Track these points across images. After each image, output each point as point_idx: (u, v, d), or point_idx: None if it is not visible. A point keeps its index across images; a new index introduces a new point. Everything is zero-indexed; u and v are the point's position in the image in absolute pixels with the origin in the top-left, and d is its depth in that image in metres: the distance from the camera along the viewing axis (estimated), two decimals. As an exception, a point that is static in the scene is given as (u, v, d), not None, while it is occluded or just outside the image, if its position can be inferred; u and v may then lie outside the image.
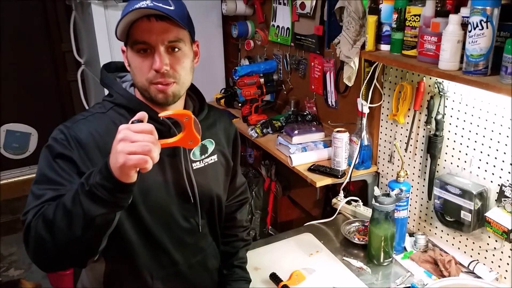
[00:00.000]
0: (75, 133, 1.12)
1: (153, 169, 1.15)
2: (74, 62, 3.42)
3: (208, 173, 1.32)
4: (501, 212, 1.40)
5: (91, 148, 1.12)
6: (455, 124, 1.55)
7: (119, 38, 1.16)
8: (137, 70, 1.14)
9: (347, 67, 1.84)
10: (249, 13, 2.80)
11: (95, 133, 1.14)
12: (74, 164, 1.10)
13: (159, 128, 1.16)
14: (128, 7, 1.09)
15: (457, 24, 1.29)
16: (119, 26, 1.10)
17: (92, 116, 1.18)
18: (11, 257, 3.17)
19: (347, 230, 1.77)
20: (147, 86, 1.14)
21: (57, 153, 1.10)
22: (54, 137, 1.13)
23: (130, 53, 1.14)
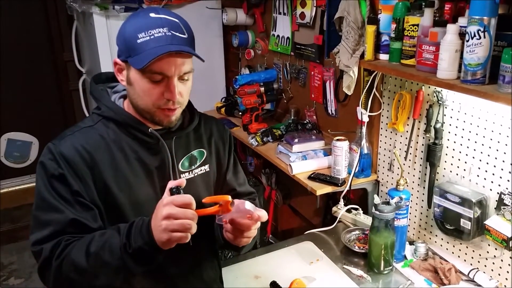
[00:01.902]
0: (62, 151, 1.13)
1: (143, 182, 1.19)
2: (76, 71, 3.45)
3: (198, 184, 1.31)
4: (500, 220, 1.41)
5: (79, 165, 1.13)
6: (454, 132, 1.56)
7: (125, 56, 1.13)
8: (145, 94, 1.13)
9: (347, 76, 1.86)
10: (249, 22, 2.82)
11: (82, 149, 1.14)
12: (67, 184, 1.12)
13: (148, 141, 1.19)
14: (146, 33, 1.07)
15: (455, 33, 1.31)
16: (134, 49, 1.08)
17: (79, 132, 1.18)
18: (11, 266, 3.16)
19: (347, 238, 1.77)
20: (153, 111, 1.15)
21: (50, 174, 1.12)
22: (44, 157, 1.14)
23: (136, 75, 1.12)
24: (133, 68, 1.11)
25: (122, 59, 1.14)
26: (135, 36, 1.08)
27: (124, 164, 1.17)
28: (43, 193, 1.12)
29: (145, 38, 1.08)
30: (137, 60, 1.09)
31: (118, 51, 1.16)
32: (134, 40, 1.08)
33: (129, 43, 1.10)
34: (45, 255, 1.09)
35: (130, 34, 1.10)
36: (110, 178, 1.15)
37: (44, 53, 3.74)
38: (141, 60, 1.07)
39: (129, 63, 1.12)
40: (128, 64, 1.13)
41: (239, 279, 1.57)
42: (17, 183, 3.85)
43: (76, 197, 1.12)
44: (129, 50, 1.10)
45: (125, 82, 1.17)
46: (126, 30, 1.11)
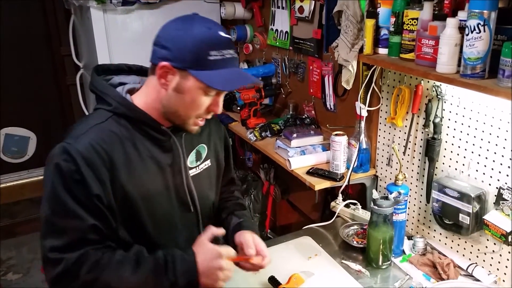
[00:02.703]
0: (80, 151, 1.08)
1: (156, 180, 1.20)
2: (73, 66, 3.43)
3: (204, 179, 1.33)
4: (499, 215, 1.41)
5: (99, 166, 1.09)
6: (453, 127, 1.56)
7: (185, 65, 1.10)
8: (194, 105, 1.14)
9: (346, 71, 1.85)
10: (247, 17, 2.81)
11: (100, 149, 1.10)
12: (87, 187, 1.08)
13: (160, 138, 1.20)
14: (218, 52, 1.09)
15: (454, 27, 1.30)
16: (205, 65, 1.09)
17: (92, 130, 1.13)
18: (9, 261, 3.16)
19: (345, 233, 1.77)
20: (191, 120, 1.17)
21: (68, 177, 1.07)
22: (59, 158, 1.08)
23: (193, 86, 1.11)
24: (193, 79, 1.10)
25: (177, 66, 1.10)
26: (206, 52, 1.08)
27: (138, 161, 1.16)
28: (60, 197, 1.08)
29: (217, 56, 1.09)
30: (211, 78, 1.09)
31: (170, 56, 1.10)
32: (205, 55, 1.08)
33: (197, 56, 1.08)
34: (66, 266, 1.07)
35: (200, 48, 1.08)
36: (126, 177, 1.14)
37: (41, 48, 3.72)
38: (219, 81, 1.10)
39: (192, 74, 1.10)
40: (185, 73, 1.11)
41: (237, 274, 1.55)
42: (15, 178, 3.84)
43: (95, 202, 1.09)
44: (196, 62, 1.09)
45: (169, 87, 1.13)
46: (195, 42, 1.08)
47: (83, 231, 1.09)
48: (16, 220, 3.63)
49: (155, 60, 1.12)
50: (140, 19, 2.68)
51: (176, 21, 1.13)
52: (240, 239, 1.33)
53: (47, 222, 1.10)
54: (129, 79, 1.27)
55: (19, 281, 2.98)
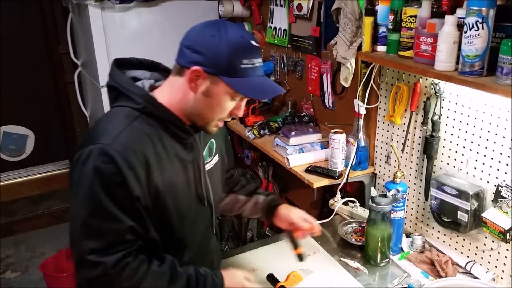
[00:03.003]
0: (121, 153, 1.07)
1: (181, 178, 1.23)
2: (71, 64, 3.42)
3: (215, 174, 1.37)
4: (497, 212, 1.41)
5: (138, 167, 1.10)
6: (452, 124, 1.56)
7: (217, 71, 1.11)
8: (219, 108, 1.17)
9: (344, 68, 1.84)
10: (246, 14, 2.80)
11: (137, 150, 1.11)
12: (128, 189, 1.08)
13: (184, 136, 1.22)
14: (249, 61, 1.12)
15: (453, 25, 1.30)
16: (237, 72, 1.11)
17: (125, 130, 1.12)
18: (7, 260, 3.16)
19: (344, 231, 1.77)
20: (214, 121, 1.21)
21: (109, 180, 1.06)
22: (97, 160, 1.06)
23: (222, 91, 1.13)
24: (223, 85, 1.12)
25: (209, 71, 1.11)
26: (239, 60, 1.11)
27: (166, 160, 1.18)
28: (99, 200, 1.06)
29: (248, 65, 1.12)
30: (243, 85, 1.12)
31: (202, 61, 1.11)
32: (238, 63, 1.11)
33: (231, 63, 1.10)
34: (105, 270, 1.08)
35: (233, 56, 1.10)
36: (158, 176, 1.15)
37: (39, 46, 3.71)
38: (250, 90, 1.13)
39: (223, 80, 1.11)
40: (215, 79, 1.12)
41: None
42: (13, 176, 3.84)
43: (135, 204, 1.10)
44: (229, 69, 1.11)
45: (199, 92, 1.15)
46: (231, 50, 1.10)
47: (121, 233, 1.10)
48: (14, 218, 3.63)
49: (187, 63, 1.13)
50: (138, 17, 2.68)
51: (210, 27, 1.13)
52: (286, 217, 1.49)
53: (84, 225, 1.08)
54: (139, 73, 1.28)
55: (17, 279, 2.97)
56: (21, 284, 2.92)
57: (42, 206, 3.78)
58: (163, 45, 2.63)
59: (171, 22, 2.73)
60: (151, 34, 2.73)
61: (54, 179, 3.93)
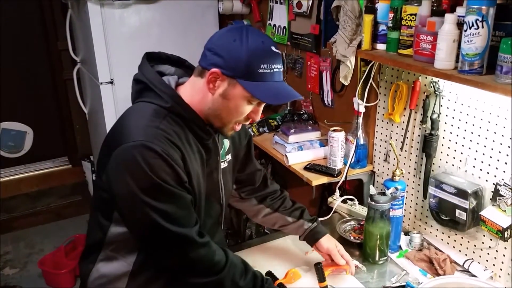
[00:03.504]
0: (163, 149, 1.11)
1: (201, 175, 1.27)
2: (70, 60, 3.41)
3: (228, 172, 1.42)
4: (496, 211, 1.41)
5: (178, 160, 1.14)
6: (451, 123, 1.56)
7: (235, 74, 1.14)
8: (236, 112, 1.20)
9: (344, 66, 1.84)
10: (245, 12, 2.80)
11: (174, 145, 1.15)
12: (179, 176, 1.14)
13: (204, 136, 1.25)
14: (267, 66, 1.15)
15: (452, 23, 1.30)
16: (254, 76, 1.14)
17: (160, 128, 1.15)
18: (6, 256, 3.16)
19: (342, 228, 1.77)
20: (230, 123, 1.23)
21: (162, 171, 1.10)
22: (146, 155, 1.09)
23: (239, 94, 1.16)
24: (240, 88, 1.15)
25: (228, 74, 1.14)
26: (257, 64, 1.13)
27: (192, 156, 1.22)
28: (160, 186, 1.10)
29: (266, 70, 1.15)
30: (259, 89, 1.15)
31: (222, 64, 1.14)
32: (255, 67, 1.13)
33: (248, 67, 1.13)
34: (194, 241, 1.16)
35: (252, 60, 1.13)
36: (189, 169, 1.19)
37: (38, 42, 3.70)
38: (266, 94, 1.16)
39: (240, 83, 1.14)
40: (233, 81, 1.15)
41: (235, 269, 1.57)
42: (11, 173, 3.83)
43: (186, 185, 1.17)
44: (246, 73, 1.14)
45: (217, 94, 1.18)
46: (250, 54, 1.13)
47: (188, 206, 1.18)
48: (13, 215, 3.62)
49: (207, 65, 1.16)
50: (137, 14, 2.67)
51: (233, 31, 1.16)
52: (326, 248, 1.52)
53: (157, 211, 1.12)
54: (164, 68, 1.31)
55: (16, 275, 2.97)
56: (20, 281, 2.92)
57: (41, 202, 3.78)
58: (162, 42, 2.63)
59: (171, 19, 2.73)
60: (151, 31, 2.72)
61: (53, 176, 3.93)
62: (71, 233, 3.03)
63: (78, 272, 1.42)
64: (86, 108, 3.38)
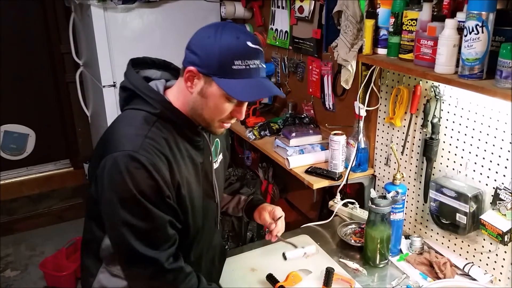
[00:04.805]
0: (148, 159, 1.10)
1: (194, 178, 1.25)
2: (73, 63, 3.43)
3: (220, 172, 1.41)
4: (496, 215, 1.42)
5: (163, 169, 1.13)
6: (451, 127, 1.57)
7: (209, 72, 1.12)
8: (217, 110, 1.17)
9: (345, 71, 1.85)
10: (247, 16, 2.81)
11: (160, 154, 1.14)
12: (160, 190, 1.12)
13: (196, 139, 1.25)
14: (243, 62, 1.11)
15: (453, 28, 1.31)
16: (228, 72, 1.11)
17: (148, 136, 1.14)
18: (7, 258, 3.16)
19: (343, 232, 1.78)
20: (215, 123, 1.21)
21: (143, 184, 1.09)
22: (129, 166, 1.09)
23: (216, 93, 1.14)
24: (216, 86, 1.13)
25: (203, 72, 1.13)
26: (231, 61, 1.11)
27: (181, 161, 1.21)
28: (138, 202, 1.10)
29: (241, 66, 1.11)
30: (232, 86, 1.12)
31: (197, 61, 1.13)
32: (229, 63, 1.11)
33: (222, 64, 1.11)
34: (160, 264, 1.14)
35: (225, 57, 1.10)
36: (177, 177, 1.18)
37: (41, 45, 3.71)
38: (239, 91, 1.11)
39: (215, 81, 1.12)
40: (209, 79, 1.13)
41: (236, 271, 1.57)
42: (13, 175, 3.83)
43: (168, 201, 1.15)
44: (220, 70, 1.11)
45: (194, 91, 1.17)
46: (222, 51, 1.10)
47: (164, 228, 1.15)
48: (15, 217, 3.63)
49: (186, 64, 1.16)
50: (140, 17, 2.69)
51: (210, 28, 1.15)
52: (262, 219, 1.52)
53: (128, 226, 1.11)
54: (150, 72, 1.30)
55: (17, 278, 2.98)
56: (21, 283, 2.92)
57: (42, 205, 3.78)
58: (165, 46, 2.64)
59: (173, 23, 2.74)
60: (153, 34, 2.74)
61: (55, 178, 3.93)
62: (72, 235, 3.04)
63: (79, 274, 1.42)
64: (89, 111, 3.39)
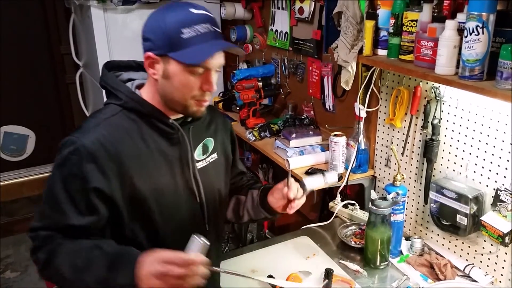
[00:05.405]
0: (85, 145, 1.11)
1: (164, 173, 1.22)
2: (73, 64, 3.43)
3: (210, 171, 1.35)
4: (496, 216, 1.41)
5: (104, 160, 1.12)
6: (451, 128, 1.57)
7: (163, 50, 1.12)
8: (184, 87, 1.14)
9: (345, 72, 1.85)
10: (247, 17, 2.81)
11: (106, 142, 1.13)
12: (86, 180, 1.10)
13: (169, 131, 1.21)
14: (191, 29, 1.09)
15: (453, 29, 1.31)
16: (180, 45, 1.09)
17: (102, 124, 1.16)
18: (7, 259, 3.16)
19: (343, 233, 1.77)
20: (189, 102, 1.17)
21: (69, 170, 1.10)
22: (65, 150, 1.11)
23: (177, 69, 1.12)
24: (174, 62, 1.12)
25: (159, 53, 1.13)
26: (178, 31, 1.09)
27: (146, 155, 1.19)
28: (55, 188, 1.11)
29: (190, 33, 1.09)
30: (186, 55, 1.10)
31: (151, 46, 1.13)
32: (178, 34, 1.09)
33: (172, 38, 1.10)
34: (37, 242, 1.13)
35: (172, 29, 1.09)
36: (135, 170, 1.17)
37: (41, 46, 3.72)
38: (192, 56, 1.09)
39: (171, 57, 1.11)
40: (166, 58, 1.12)
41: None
42: (13, 176, 3.84)
43: (89, 197, 1.11)
44: (172, 45, 1.10)
45: (158, 76, 1.16)
46: (168, 25, 1.10)
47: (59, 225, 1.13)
48: (15, 218, 3.63)
49: (143, 53, 1.17)
50: (140, 18, 2.68)
51: (154, 12, 1.16)
52: (273, 196, 1.38)
53: (39, 207, 1.15)
54: (138, 75, 1.30)
55: (17, 279, 2.98)
56: (21, 284, 2.92)
57: (42, 206, 3.79)
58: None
59: (173, 24, 2.74)
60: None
61: (55, 180, 3.94)
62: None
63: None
64: (89, 112, 3.39)
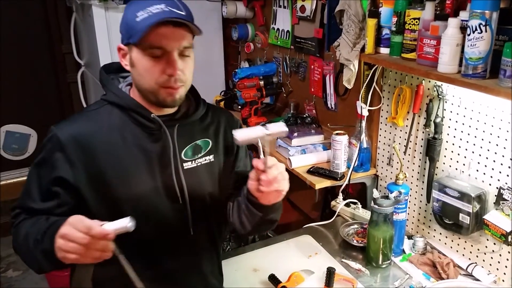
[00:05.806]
0: (58, 135, 1.16)
1: (141, 168, 1.21)
2: (74, 63, 3.43)
3: (201, 173, 1.29)
4: (499, 215, 1.41)
5: (72, 150, 1.15)
6: (454, 127, 1.56)
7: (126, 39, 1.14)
8: (147, 73, 1.13)
9: (347, 70, 1.85)
10: (249, 16, 2.81)
11: (78, 134, 1.17)
12: (54, 167, 1.16)
13: (150, 126, 1.20)
14: (144, 11, 1.09)
15: (456, 27, 1.30)
16: (134, 28, 1.10)
17: (81, 116, 1.23)
18: (9, 258, 3.17)
19: (346, 232, 1.77)
20: (156, 89, 1.15)
21: (42, 156, 1.18)
22: (46, 138, 1.19)
23: (138, 55, 1.12)
24: (135, 49, 1.12)
25: (126, 43, 1.15)
26: (134, 16, 1.11)
27: (122, 150, 1.19)
28: (31, 171, 1.21)
29: (143, 15, 1.09)
30: (136, 36, 1.10)
31: (122, 37, 1.17)
32: (133, 20, 1.10)
33: (129, 25, 1.12)
34: (11, 219, 1.27)
35: (129, 16, 1.12)
36: (106, 164, 1.17)
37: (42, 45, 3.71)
38: (138, 34, 1.09)
39: (131, 43, 1.12)
40: (130, 46, 1.14)
41: (238, 272, 1.57)
42: (15, 175, 3.83)
43: (53, 184, 1.16)
44: (129, 31, 1.12)
45: (129, 66, 1.18)
46: (127, 14, 1.14)
47: (25, 205, 1.23)
48: (16, 218, 3.63)
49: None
50: (141, 17, 2.68)
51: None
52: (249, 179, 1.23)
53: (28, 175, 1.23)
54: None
55: (19, 278, 2.98)
56: (23, 283, 2.93)
57: (44, 205, 3.79)
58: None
59: (174, 23, 2.74)
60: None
61: (56, 179, 3.95)
62: (74, 235, 3.04)
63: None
64: (90, 111, 3.39)
